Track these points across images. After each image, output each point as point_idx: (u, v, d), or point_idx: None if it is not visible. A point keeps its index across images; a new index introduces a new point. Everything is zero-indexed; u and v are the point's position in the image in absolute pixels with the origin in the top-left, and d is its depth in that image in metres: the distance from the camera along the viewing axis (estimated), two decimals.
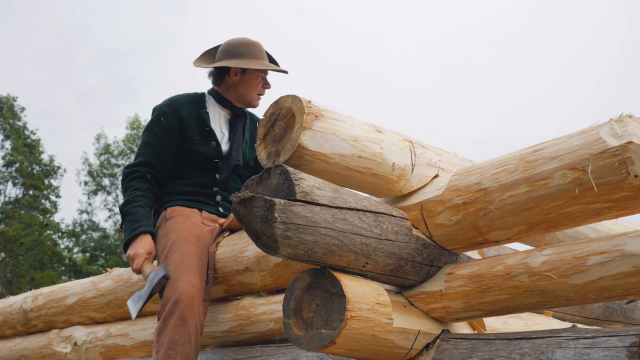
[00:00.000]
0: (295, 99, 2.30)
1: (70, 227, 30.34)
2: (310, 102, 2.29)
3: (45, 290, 4.31)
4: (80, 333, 3.93)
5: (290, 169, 2.16)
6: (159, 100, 3.51)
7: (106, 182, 31.15)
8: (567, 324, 3.10)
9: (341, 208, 2.23)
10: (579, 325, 2.35)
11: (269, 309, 2.99)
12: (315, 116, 2.26)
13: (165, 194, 3.43)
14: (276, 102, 2.35)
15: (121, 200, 31.18)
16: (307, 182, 2.17)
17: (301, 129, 2.23)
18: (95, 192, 31.22)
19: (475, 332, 2.62)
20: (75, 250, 30.50)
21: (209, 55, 3.63)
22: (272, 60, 3.59)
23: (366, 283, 2.32)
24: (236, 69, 3.51)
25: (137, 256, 3.13)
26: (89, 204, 31.20)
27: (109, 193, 31.16)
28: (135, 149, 30.77)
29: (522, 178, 2.20)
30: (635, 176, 1.97)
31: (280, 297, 2.97)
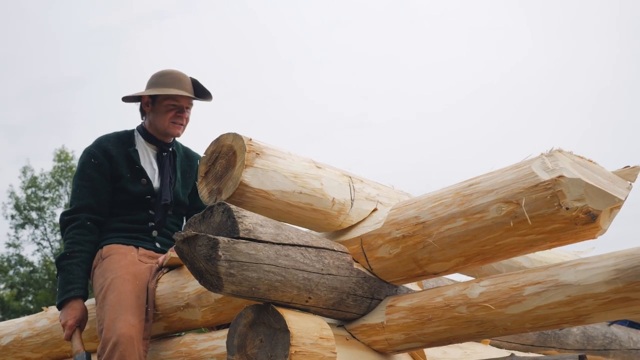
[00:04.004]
0: (236, 137, 2.32)
1: None
2: (251, 139, 2.32)
3: None
4: None
5: (232, 206, 2.18)
6: (89, 134, 3.49)
7: (34, 215, 30.39)
8: (505, 352, 3.18)
9: (284, 244, 2.25)
10: (517, 354, 2.42)
11: (210, 345, 2.97)
12: (257, 154, 2.29)
13: (101, 232, 3.39)
14: (217, 140, 2.37)
15: (50, 234, 30.45)
16: (250, 220, 2.19)
17: (243, 166, 2.25)
18: (22, 226, 30.41)
19: None
20: (2, 286, 29.62)
21: None
22: (199, 89, 3.55)
23: (310, 318, 2.34)
24: (147, 99, 3.50)
25: (67, 327, 3.21)
26: (17, 238, 30.37)
27: (36, 226, 30.40)
28: (63, 181, 30.16)
29: (459, 211, 2.27)
30: (567, 209, 2.05)
31: (222, 333, 2.96)
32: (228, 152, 2.33)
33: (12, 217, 30.21)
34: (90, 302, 3.33)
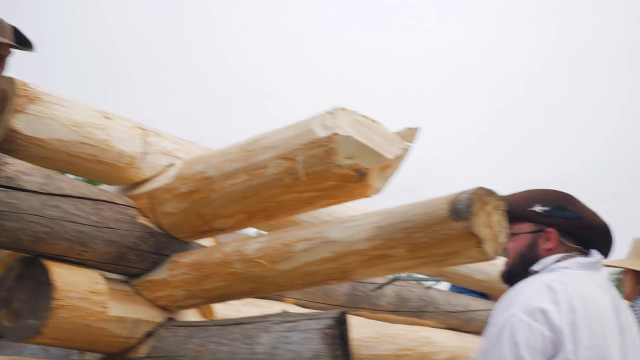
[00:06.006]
0: (11, 81, 2.21)
1: None
2: (26, 84, 2.21)
3: None
4: None
5: None
6: None
7: None
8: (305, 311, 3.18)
9: (53, 195, 2.16)
10: (290, 310, 2.41)
11: None
12: (30, 99, 2.19)
13: None
14: None
15: None
16: (12, 167, 2.08)
17: (13, 111, 2.14)
18: None
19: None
20: None
21: None
22: (21, 38, 3.43)
23: (81, 272, 2.27)
24: None
25: None
26: None
27: None
28: None
29: (242, 167, 2.24)
30: (339, 166, 2.05)
31: None
32: (4, 97, 2.21)
33: None
34: None
